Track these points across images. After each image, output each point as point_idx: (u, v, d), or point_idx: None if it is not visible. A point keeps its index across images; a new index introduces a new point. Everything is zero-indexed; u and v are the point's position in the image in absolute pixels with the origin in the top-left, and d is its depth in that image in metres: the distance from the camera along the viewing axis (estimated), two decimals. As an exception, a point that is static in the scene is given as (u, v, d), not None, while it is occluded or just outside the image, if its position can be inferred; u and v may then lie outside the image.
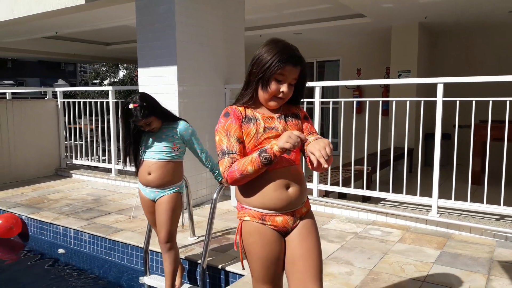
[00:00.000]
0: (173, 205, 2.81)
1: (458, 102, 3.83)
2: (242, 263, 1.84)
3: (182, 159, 2.91)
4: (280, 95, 1.66)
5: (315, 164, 1.53)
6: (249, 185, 1.68)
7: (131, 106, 2.62)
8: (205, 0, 4.71)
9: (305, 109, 5.38)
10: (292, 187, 1.69)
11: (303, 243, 1.71)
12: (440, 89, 3.82)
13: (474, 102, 3.77)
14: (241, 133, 1.67)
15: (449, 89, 3.89)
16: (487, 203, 3.72)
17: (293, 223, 1.72)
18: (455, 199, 3.87)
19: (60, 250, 4.11)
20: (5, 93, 8.34)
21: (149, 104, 2.67)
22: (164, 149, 2.76)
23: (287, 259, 1.74)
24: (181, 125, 2.82)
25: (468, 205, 3.80)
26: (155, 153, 2.76)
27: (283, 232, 1.72)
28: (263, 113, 1.72)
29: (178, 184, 2.87)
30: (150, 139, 2.78)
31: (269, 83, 1.63)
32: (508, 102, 3.62)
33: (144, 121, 2.65)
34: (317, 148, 1.50)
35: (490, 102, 3.71)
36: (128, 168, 2.86)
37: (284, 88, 1.64)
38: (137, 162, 2.82)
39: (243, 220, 1.73)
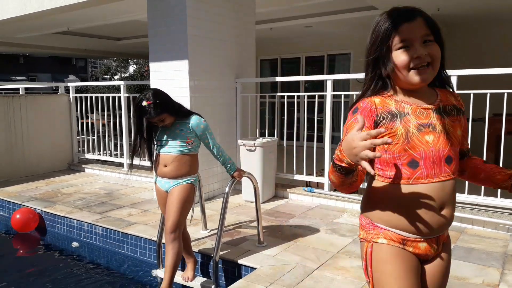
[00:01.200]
0: (185, 195, 2.82)
1: (472, 95, 3.78)
2: None
3: (197, 151, 2.94)
4: (418, 62, 1.23)
5: None
6: (390, 199, 1.30)
7: (144, 103, 2.65)
8: (215, -6, 4.70)
9: (316, 103, 5.29)
10: (447, 209, 1.30)
11: (443, 279, 1.40)
12: (453, 82, 3.77)
13: (488, 95, 3.72)
14: None
15: (462, 82, 3.84)
16: (501, 197, 3.68)
17: (436, 250, 1.36)
18: (468, 193, 3.83)
19: (74, 244, 4.16)
20: (18, 88, 8.45)
21: (162, 101, 2.70)
22: (178, 143, 2.80)
23: None
24: (193, 120, 2.83)
25: (481, 199, 3.76)
26: (170, 148, 2.80)
27: (422, 260, 1.37)
28: (414, 104, 1.29)
29: (193, 176, 2.90)
30: (165, 135, 2.82)
31: (390, 58, 1.25)
32: (523, 95, 3.56)
33: (157, 118, 2.69)
34: None
35: (505, 95, 3.65)
36: (136, 162, 2.89)
37: (417, 50, 1.22)
38: (151, 157, 2.86)
39: (375, 242, 1.32)
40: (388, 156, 1.27)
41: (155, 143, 2.88)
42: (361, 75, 4.35)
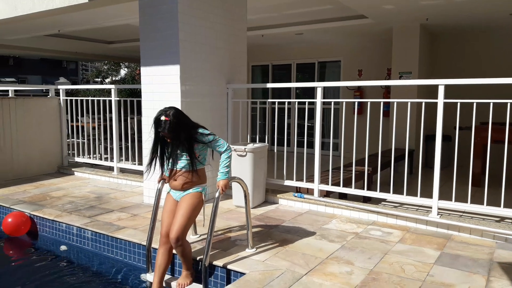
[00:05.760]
0: (193, 201, 3.01)
1: (459, 104, 3.85)
2: None
3: (204, 165, 3.12)
4: None
5: None
6: None
7: (162, 118, 2.84)
8: (208, 0, 4.73)
9: (306, 110, 5.35)
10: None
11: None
12: (441, 91, 3.84)
13: (475, 104, 3.79)
14: None
15: (450, 91, 3.91)
16: (487, 204, 3.74)
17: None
18: (455, 200, 3.89)
19: (63, 247, 4.13)
20: (7, 91, 8.38)
21: (179, 123, 2.87)
22: (187, 157, 3.00)
23: None
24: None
25: (468, 206, 3.82)
26: (181, 162, 3.02)
27: None
28: None
29: (202, 185, 3.10)
30: (175, 151, 3.00)
31: None
32: (509, 104, 3.64)
33: (167, 135, 2.89)
34: None
35: (491, 104, 3.73)
36: (152, 172, 3.06)
37: None
38: (163, 167, 3.06)
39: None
40: None
41: (168, 156, 3.07)
42: (351, 83, 4.44)
